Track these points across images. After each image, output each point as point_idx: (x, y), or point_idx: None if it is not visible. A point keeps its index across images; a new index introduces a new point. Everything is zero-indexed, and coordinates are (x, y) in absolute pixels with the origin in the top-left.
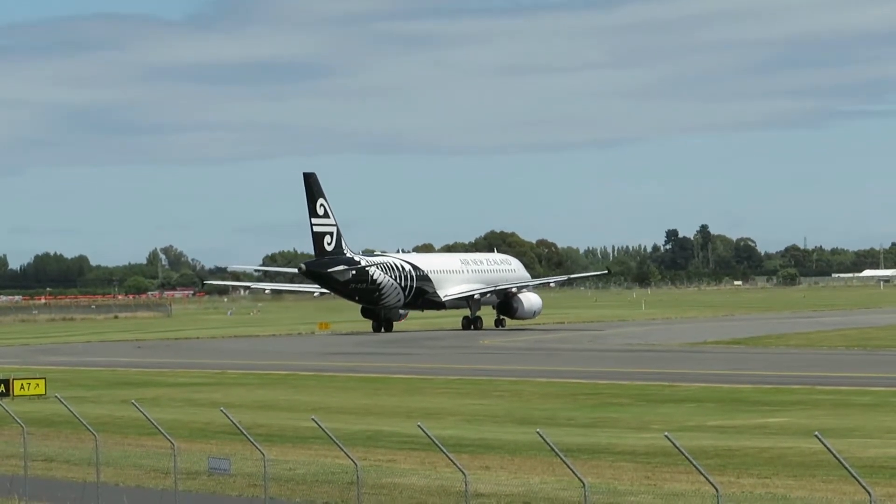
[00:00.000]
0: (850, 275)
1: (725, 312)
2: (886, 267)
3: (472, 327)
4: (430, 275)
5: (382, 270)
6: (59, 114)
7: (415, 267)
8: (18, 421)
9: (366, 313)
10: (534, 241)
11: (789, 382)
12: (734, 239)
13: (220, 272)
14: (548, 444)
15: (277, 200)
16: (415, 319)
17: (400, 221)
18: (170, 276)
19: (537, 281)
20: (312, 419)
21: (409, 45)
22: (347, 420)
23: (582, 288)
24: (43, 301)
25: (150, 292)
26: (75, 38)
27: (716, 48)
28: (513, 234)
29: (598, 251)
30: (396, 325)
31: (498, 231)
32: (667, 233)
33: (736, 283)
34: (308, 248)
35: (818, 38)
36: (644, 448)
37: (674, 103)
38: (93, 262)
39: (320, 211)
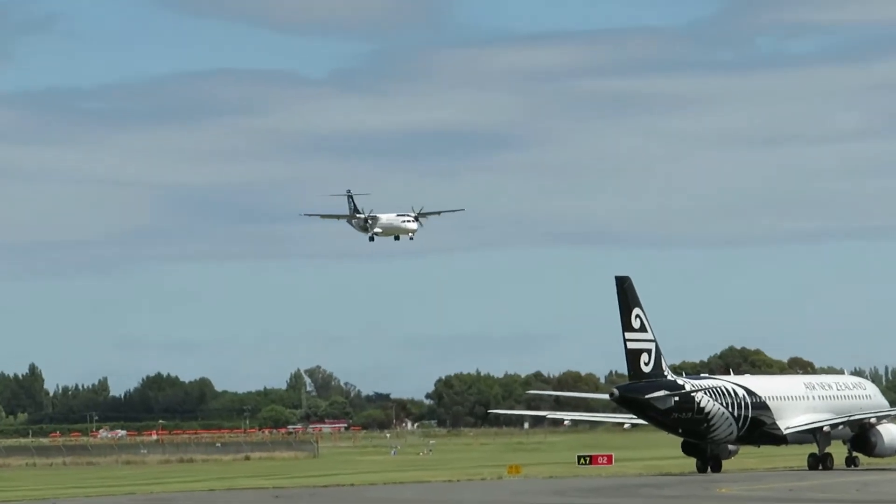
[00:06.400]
0: None
1: None
2: None
3: (821, 467)
4: (767, 402)
5: (711, 396)
6: (175, 196)
7: (749, 392)
8: None
9: (688, 449)
10: (785, 361)
11: None
12: None
13: (382, 399)
14: None
15: (454, 306)
16: (746, 457)
17: (608, 335)
18: (316, 404)
19: None
20: None
21: (615, 108)
22: None
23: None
24: (154, 437)
25: (291, 426)
26: (193, 101)
27: None
28: (757, 352)
29: (868, 372)
30: (726, 463)
31: (739, 347)
32: None
33: None
34: (489, 367)
35: None
36: None
37: None
38: (217, 387)
39: (636, 324)
